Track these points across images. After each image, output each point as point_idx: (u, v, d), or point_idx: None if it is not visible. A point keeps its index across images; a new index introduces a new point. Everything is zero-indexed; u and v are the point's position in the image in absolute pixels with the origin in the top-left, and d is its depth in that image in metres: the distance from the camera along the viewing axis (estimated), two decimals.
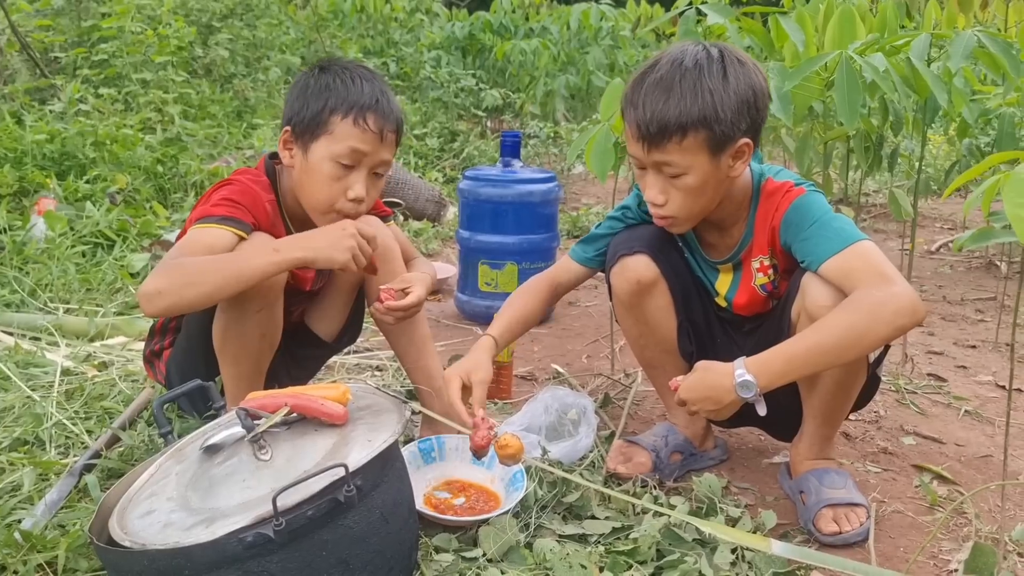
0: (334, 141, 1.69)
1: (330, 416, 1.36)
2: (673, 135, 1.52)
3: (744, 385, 1.46)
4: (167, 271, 1.52)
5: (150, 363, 1.95)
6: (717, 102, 1.51)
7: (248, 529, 1.16)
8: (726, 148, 1.55)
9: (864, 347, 1.47)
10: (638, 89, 1.55)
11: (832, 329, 1.45)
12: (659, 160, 1.56)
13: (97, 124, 4.13)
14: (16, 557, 1.39)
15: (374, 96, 1.71)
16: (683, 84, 1.51)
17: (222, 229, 1.61)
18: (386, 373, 2.47)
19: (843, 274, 1.50)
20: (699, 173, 1.56)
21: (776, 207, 1.65)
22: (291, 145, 1.75)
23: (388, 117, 1.72)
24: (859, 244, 1.52)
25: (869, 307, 1.43)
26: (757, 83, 1.56)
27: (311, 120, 1.70)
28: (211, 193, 1.73)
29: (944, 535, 1.67)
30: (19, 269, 3.05)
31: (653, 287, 1.75)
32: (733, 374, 1.47)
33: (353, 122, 1.69)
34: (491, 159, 5.90)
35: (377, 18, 7.65)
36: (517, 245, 3.01)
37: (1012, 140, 2.85)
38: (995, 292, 3.56)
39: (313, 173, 1.71)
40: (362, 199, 1.72)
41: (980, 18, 4.08)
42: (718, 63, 1.53)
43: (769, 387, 1.47)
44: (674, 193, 1.59)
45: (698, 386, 1.53)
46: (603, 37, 7.18)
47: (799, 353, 1.47)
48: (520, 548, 1.49)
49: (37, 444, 1.87)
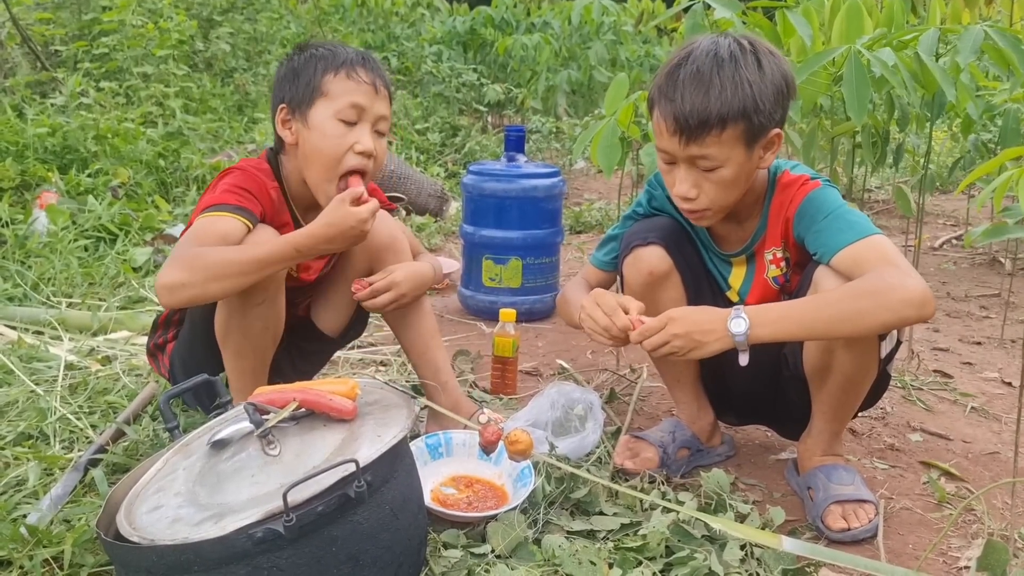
0: (332, 99, 1.70)
1: (339, 411, 1.35)
2: (713, 128, 1.50)
3: (737, 323, 1.44)
4: (188, 263, 1.52)
5: (154, 356, 1.94)
6: (756, 93, 1.50)
7: (258, 525, 1.15)
8: (760, 139, 1.55)
9: (862, 327, 1.45)
10: (673, 82, 1.53)
11: (835, 300, 1.44)
12: (696, 154, 1.54)
13: (99, 118, 4.12)
14: (22, 552, 1.39)
15: (359, 54, 1.76)
16: (722, 76, 1.50)
17: (232, 218, 1.61)
18: (391, 368, 2.46)
19: (855, 263, 1.49)
20: (734, 165, 1.55)
21: (791, 199, 1.64)
22: (289, 122, 1.75)
23: (377, 71, 1.75)
24: (873, 237, 1.51)
25: (877, 288, 1.42)
26: (788, 73, 1.57)
27: (304, 88, 1.72)
28: (217, 181, 1.72)
29: (953, 532, 1.66)
30: (22, 263, 3.04)
31: (666, 279, 1.74)
32: (729, 311, 1.46)
33: (347, 76, 1.71)
34: (493, 154, 5.89)
35: (378, 12, 7.62)
36: (521, 240, 3.00)
37: (1016, 136, 2.85)
38: (999, 288, 3.55)
39: (317, 137, 1.71)
40: (371, 152, 1.72)
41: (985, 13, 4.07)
42: (752, 55, 1.52)
43: (758, 337, 1.45)
44: (707, 186, 1.58)
45: (690, 316, 1.49)
46: (605, 32, 7.15)
47: (795, 313, 1.46)
48: (528, 544, 1.49)
49: (41, 439, 1.86)
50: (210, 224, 1.60)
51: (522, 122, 7.04)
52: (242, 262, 1.54)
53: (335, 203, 1.61)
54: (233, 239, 1.59)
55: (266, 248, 1.58)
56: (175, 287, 1.51)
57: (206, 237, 1.58)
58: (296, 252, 1.60)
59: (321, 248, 1.63)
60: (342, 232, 1.60)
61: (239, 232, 1.61)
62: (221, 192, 1.66)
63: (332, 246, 1.63)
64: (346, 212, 1.60)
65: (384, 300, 1.79)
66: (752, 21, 2.47)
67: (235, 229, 1.60)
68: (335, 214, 1.60)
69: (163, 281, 1.52)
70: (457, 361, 2.51)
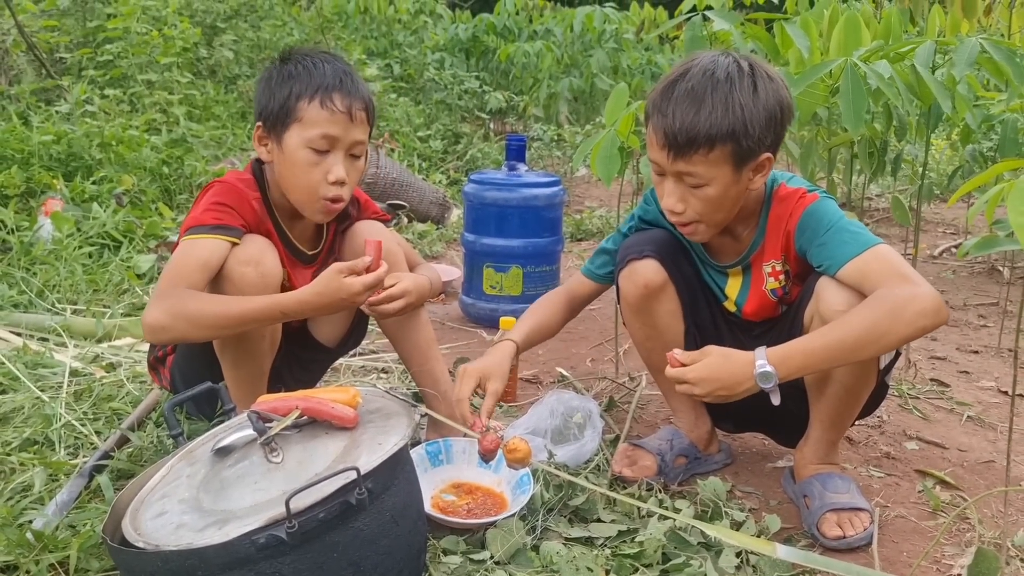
0: (305, 127, 1.69)
1: (341, 419, 1.37)
2: (701, 147, 1.52)
3: (764, 376, 1.47)
4: (171, 309, 1.56)
5: (155, 370, 1.97)
6: (747, 117, 1.52)
7: (261, 531, 1.17)
8: (749, 162, 1.57)
9: (884, 346, 1.48)
10: (667, 97, 1.55)
11: (853, 326, 1.46)
12: (682, 170, 1.57)
13: (103, 125, 4.15)
14: (28, 557, 1.41)
15: (337, 77, 1.71)
16: (715, 96, 1.51)
17: (213, 239, 1.64)
18: (392, 376, 2.48)
19: (862, 276, 1.51)
20: (720, 185, 1.57)
21: (790, 212, 1.66)
22: (266, 140, 1.76)
23: (355, 95, 1.72)
24: (877, 247, 1.54)
25: (892, 306, 1.44)
26: (785, 99, 1.58)
27: (279, 110, 1.71)
28: (200, 197, 1.75)
29: (947, 540, 1.68)
30: (27, 270, 3.06)
31: (661, 291, 1.77)
32: (754, 363, 1.48)
33: (320, 104, 1.68)
34: (495, 161, 5.91)
35: (381, 20, 7.66)
36: (522, 248, 3.03)
37: (1015, 145, 2.87)
38: (997, 297, 3.57)
39: (290, 163, 1.71)
40: (343, 181, 1.72)
41: (984, 24, 4.09)
42: (749, 77, 1.54)
43: (787, 379, 1.48)
44: (693, 201, 1.60)
45: (715, 370, 1.51)
46: (607, 40, 7.20)
47: (818, 348, 1.48)
48: (527, 551, 1.51)
49: (47, 445, 1.88)
50: (190, 250, 1.63)
51: (524, 129, 7.07)
52: (224, 316, 1.58)
53: (331, 273, 1.58)
54: (215, 263, 1.63)
55: (250, 305, 1.60)
56: (158, 330, 1.57)
57: (187, 268, 1.61)
58: (282, 314, 1.62)
59: (308, 314, 1.67)
60: (331, 303, 1.60)
61: (221, 252, 1.64)
62: (201, 211, 1.68)
63: (320, 313, 1.67)
64: (339, 285, 1.58)
65: (396, 307, 1.75)
66: (750, 33, 2.49)
67: (215, 252, 1.63)
68: (328, 285, 1.58)
69: (148, 322, 1.56)
70: (457, 369, 2.52)
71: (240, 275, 1.65)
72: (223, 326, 1.60)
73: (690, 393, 1.54)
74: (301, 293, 1.61)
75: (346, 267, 1.58)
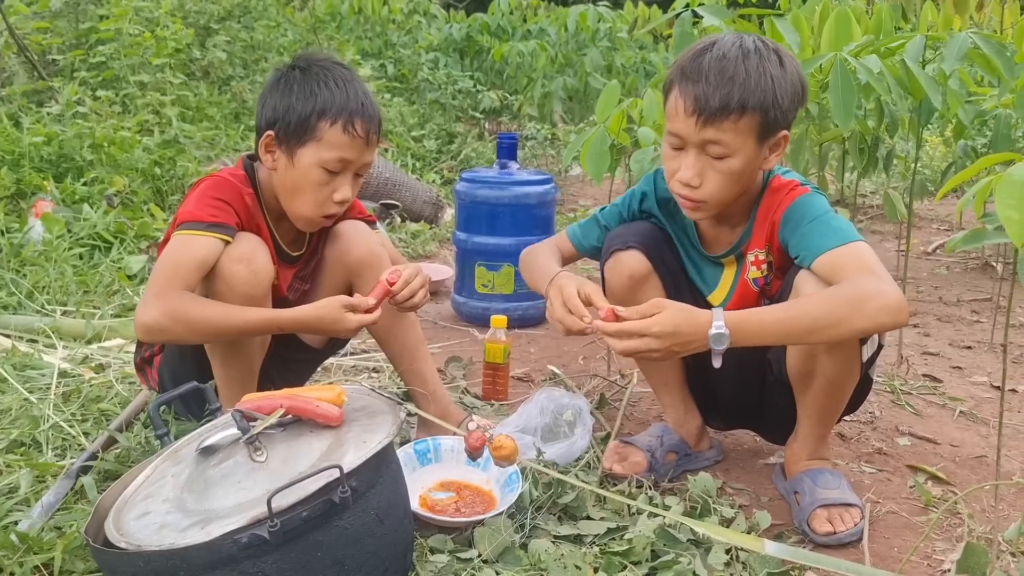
0: (323, 148, 1.69)
1: (325, 418, 1.36)
2: (732, 112, 1.52)
3: (718, 337, 1.45)
4: (171, 312, 1.57)
5: (142, 371, 1.96)
6: (778, 88, 1.53)
7: (243, 530, 1.17)
8: (770, 137, 1.57)
9: (839, 332, 1.46)
10: (697, 65, 1.54)
11: (812, 307, 1.46)
12: (710, 138, 1.55)
13: (95, 126, 4.13)
14: (12, 559, 1.40)
15: (359, 100, 1.72)
16: (747, 64, 1.52)
17: (208, 237, 1.64)
18: (383, 375, 2.47)
19: (834, 268, 1.51)
20: (743, 157, 1.56)
21: (779, 203, 1.66)
22: (274, 149, 1.74)
23: (373, 120, 1.74)
24: (855, 244, 1.53)
25: (855, 296, 1.44)
26: (805, 78, 1.60)
27: (298, 125, 1.69)
28: (193, 189, 1.74)
29: (938, 535, 1.68)
30: (16, 271, 3.05)
31: (645, 282, 1.76)
32: (711, 323, 1.45)
33: (343, 129, 1.69)
34: (489, 161, 5.91)
35: (375, 20, 7.64)
36: (514, 247, 3.01)
37: (1008, 141, 2.86)
38: (991, 293, 3.56)
39: (299, 178, 1.71)
40: (348, 201, 1.76)
41: (976, 19, 4.09)
42: (774, 52, 1.56)
43: (738, 344, 1.46)
44: (711, 175, 1.58)
45: (680, 324, 1.46)
46: (600, 39, 7.19)
47: (774, 321, 1.48)
48: (515, 549, 1.50)
49: (34, 446, 1.87)
50: (187, 248, 1.63)
51: (518, 128, 7.06)
52: (223, 325, 1.62)
53: (335, 303, 1.65)
54: (210, 263, 1.63)
55: (249, 317, 1.63)
56: (154, 331, 1.59)
57: (182, 263, 1.62)
58: (278, 328, 1.70)
59: (301, 331, 1.79)
60: (326, 330, 1.70)
61: (216, 251, 1.64)
62: (196, 204, 1.68)
63: (311, 332, 1.77)
64: (339, 316, 1.65)
65: (422, 295, 1.76)
66: (740, 29, 2.49)
67: (211, 251, 1.63)
68: (329, 313, 1.65)
69: (145, 321, 1.57)
70: (449, 367, 2.52)
71: (232, 272, 1.64)
72: (220, 334, 1.65)
73: (646, 349, 1.47)
74: (300, 313, 1.67)
75: (349, 303, 1.66)
